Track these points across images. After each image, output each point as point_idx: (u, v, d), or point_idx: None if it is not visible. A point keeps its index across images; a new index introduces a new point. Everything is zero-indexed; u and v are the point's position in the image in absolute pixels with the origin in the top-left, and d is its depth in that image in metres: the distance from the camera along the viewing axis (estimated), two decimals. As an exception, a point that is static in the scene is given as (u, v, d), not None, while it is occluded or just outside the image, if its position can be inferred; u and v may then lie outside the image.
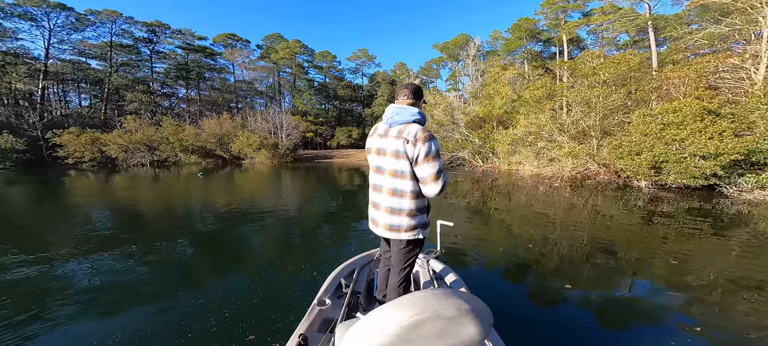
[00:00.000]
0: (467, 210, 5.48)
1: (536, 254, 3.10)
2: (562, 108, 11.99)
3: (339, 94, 39.65)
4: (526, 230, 4.06)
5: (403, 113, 1.19)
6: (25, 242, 3.66)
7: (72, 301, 2.22)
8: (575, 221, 4.44)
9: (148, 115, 26.63)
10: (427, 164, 1.12)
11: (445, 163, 14.55)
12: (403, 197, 1.19)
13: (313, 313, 1.36)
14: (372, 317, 0.62)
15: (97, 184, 10.61)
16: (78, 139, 19.06)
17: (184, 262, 2.99)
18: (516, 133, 12.32)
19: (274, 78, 37.61)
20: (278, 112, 27.66)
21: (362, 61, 42.40)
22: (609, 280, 2.53)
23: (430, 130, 1.17)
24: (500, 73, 16.47)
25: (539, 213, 5.03)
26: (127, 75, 29.55)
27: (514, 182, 8.96)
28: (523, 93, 13.11)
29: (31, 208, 6.28)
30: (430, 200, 1.30)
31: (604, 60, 10.09)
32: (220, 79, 36.42)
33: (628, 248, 3.24)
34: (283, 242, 3.65)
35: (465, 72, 29.48)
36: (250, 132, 23.90)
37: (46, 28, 24.82)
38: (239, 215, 5.06)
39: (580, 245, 3.36)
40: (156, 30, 30.78)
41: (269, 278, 2.51)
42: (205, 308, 2.04)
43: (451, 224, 2.05)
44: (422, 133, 1.12)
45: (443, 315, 0.58)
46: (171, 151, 20.99)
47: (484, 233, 4.01)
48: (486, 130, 14.77)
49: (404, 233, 1.22)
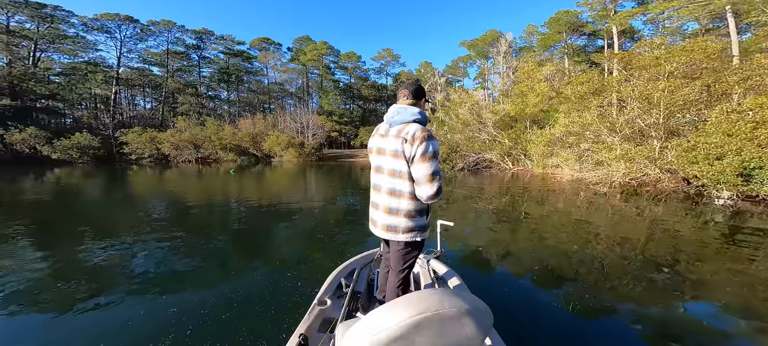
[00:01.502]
0: (494, 215, 5.02)
1: (568, 263, 2.71)
2: (611, 105, 10.54)
3: (363, 94, 40.17)
4: (559, 238, 3.56)
5: (404, 113, 1.18)
6: (96, 228, 4.18)
7: (126, 280, 2.47)
8: (624, 233, 3.77)
9: (196, 116, 29.69)
10: (423, 164, 1.09)
11: (470, 165, 13.71)
12: (402, 197, 1.17)
13: (313, 313, 1.36)
14: (372, 317, 0.61)
15: (152, 178, 12.02)
16: (140, 138, 21.93)
17: (215, 254, 3.08)
18: (554, 134, 11.13)
19: (303, 79, 39.44)
20: (305, 113, 28.90)
21: (387, 61, 42.42)
22: (656, 295, 2.15)
23: (430, 130, 1.13)
24: (535, 69, 15.10)
25: (578, 221, 4.43)
26: (180, 79, 33.36)
27: (549, 187, 8.09)
28: (563, 89, 11.82)
29: (101, 198, 7.26)
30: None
31: (669, 49, 8.59)
32: (256, 82, 39.30)
33: (692, 265, 2.67)
34: (296, 239, 3.64)
35: (495, 70, 27.81)
36: (280, 131, 25.32)
37: (117, 39, 28.97)
38: (262, 211, 5.24)
39: (626, 257, 2.85)
40: (203, 37, 34.25)
41: (280, 274, 2.47)
42: (226, 298, 2.09)
43: (452, 224, 2.06)
44: (421, 133, 1.10)
45: (443, 315, 0.57)
46: (212, 149, 23.12)
47: (510, 240, 3.58)
48: (517, 131, 13.64)
49: (402, 234, 1.20)
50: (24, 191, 8.16)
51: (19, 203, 6.21)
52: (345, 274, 1.75)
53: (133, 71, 31.03)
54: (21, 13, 24.00)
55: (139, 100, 34.32)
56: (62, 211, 5.56)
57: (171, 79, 32.23)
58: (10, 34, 23.59)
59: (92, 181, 10.69)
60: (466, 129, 14.68)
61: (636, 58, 9.32)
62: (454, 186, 9.00)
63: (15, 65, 23.79)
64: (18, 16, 24.07)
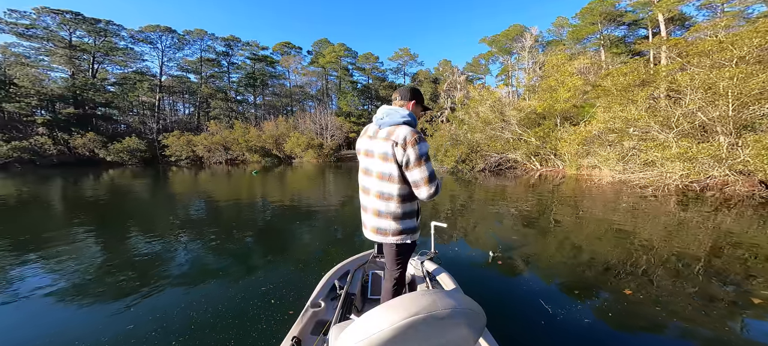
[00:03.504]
0: (515, 219, 4.66)
1: (600, 272, 2.42)
2: (657, 98, 9.31)
3: (381, 95, 40.20)
4: (593, 248, 3.17)
5: (394, 115, 1.17)
6: (140, 224, 4.58)
7: (163, 272, 2.68)
8: (679, 244, 3.22)
9: (226, 120, 31.80)
10: (418, 169, 1.10)
11: (492, 165, 12.99)
12: (390, 200, 1.17)
13: (306, 315, 1.36)
14: (365, 319, 0.61)
15: (188, 178, 13.00)
16: (178, 141, 23.96)
17: (237, 252, 3.15)
18: (589, 131, 10.11)
19: (322, 82, 40.49)
20: (323, 114, 29.60)
21: (404, 61, 42.05)
22: (714, 313, 1.86)
23: (419, 133, 1.13)
24: (566, 62, 13.90)
25: (619, 230, 3.89)
26: (212, 85, 35.97)
27: (583, 190, 7.35)
28: (601, 81, 10.70)
29: (146, 197, 7.94)
30: (422, 204, 1.29)
31: (738, 34, 7.35)
32: (279, 86, 41.14)
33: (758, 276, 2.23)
34: (312, 239, 3.60)
35: (519, 65, 26.42)
36: (300, 133, 26.17)
37: (159, 49, 31.82)
38: (282, 210, 5.35)
39: (676, 271, 2.46)
40: (231, 44, 36.57)
41: (292, 273, 2.42)
42: (248, 290, 2.13)
43: (445, 226, 2.11)
44: (411, 136, 1.09)
45: (436, 316, 0.58)
46: (240, 151, 24.56)
47: (533, 246, 3.21)
48: (545, 128, 12.62)
49: (391, 236, 1.21)
50: (85, 189, 9.22)
51: (81, 201, 7.01)
52: (339, 276, 1.74)
53: (173, 79, 34.03)
54: (80, 29, 27.25)
55: (179, 106, 37.60)
56: (116, 208, 6.15)
57: (204, 85, 34.82)
58: (73, 49, 27.04)
59: (139, 181, 11.80)
60: (487, 128, 13.89)
61: (694, 44, 8.13)
62: (473, 188, 8.55)
63: (77, 77, 27.23)
64: (78, 31, 27.45)
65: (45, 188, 9.49)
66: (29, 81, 24.86)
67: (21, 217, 5.14)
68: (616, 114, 8.85)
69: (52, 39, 26.36)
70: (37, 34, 25.87)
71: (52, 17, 26.05)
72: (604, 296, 2.16)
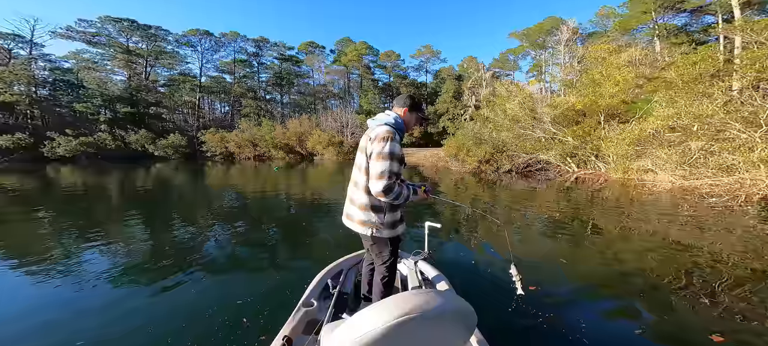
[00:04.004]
0: (541, 223, 4.35)
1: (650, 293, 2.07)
2: (739, 90, 7.81)
3: (402, 93, 39.69)
4: (641, 261, 2.73)
5: (381, 117, 1.31)
6: (179, 213, 5.07)
7: (197, 260, 2.90)
8: (762, 263, 2.65)
9: (255, 118, 33.76)
10: (376, 162, 1.18)
11: (520, 167, 12.08)
12: (359, 189, 1.27)
13: (298, 314, 1.36)
14: (357, 318, 0.62)
15: (220, 172, 14.09)
16: (213, 138, 25.96)
17: (253, 244, 3.25)
18: (644, 129, 8.84)
19: (344, 80, 41.11)
20: (345, 112, 30.02)
21: (426, 58, 41.07)
22: None
23: (393, 133, 1.21)
24: (612, 54, 12.33)
25: (678, 243, 3.31)
26: (244, 85, 38.40)
27: (632, 196, 6.52)
28: (662, 73, 9.30)
29: (186, 188, 8.71)
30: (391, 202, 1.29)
31: None
32: (303, 85, 42.64)
33: None
34: (328, 234, 3.60)
35: (554, 60, 24.53)
36: (322, 131, 26.83)
37: (199, 52, 34.72)
38: (295, 204, 5.49)
39: (746, 295, 2.05)
40: (260, 44, 38.63)
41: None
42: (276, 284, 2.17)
43: (439, 226, 2.09)
44: (383, 133, 1.20)
45: (427, 315, 0.59)
46: (266, 148, 25.90)
47: (558, 251, 2.75)
48: (586, 127, 11.37)
49: (357, 224, 1.30)
50: (137, 180, 10.43)
51: (135, 190, 7.98)
52: (332, 275, 1.74)
53: (211, 79, 36.93)
54: (136, 35, 30.65)
55: (216, 105, 40.74)
56: (161, 198, 6.90)
57: (237, 85, 37.27)
58: (129, 53, 30.48)
59: (181, 175, 13.06)
60: (515, 126, 12.92)
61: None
62: (497, 190, 8.11)
63: (133, 79, 30.70)
64: (134, 37, 30.87)
65: (106, 178, 10.92)
66: (95, 84, 28.57)
67: (88, 202, 5.92)
68: (683, 109, 7.61)
69: (113, 45, 30.00)
70: (101, 41, 29.60)
71: (113, 25, 29.61)
72: (625, 302, 2.00)
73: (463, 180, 10.51)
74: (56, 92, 27.38)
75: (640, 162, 8.87)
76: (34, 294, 2.28)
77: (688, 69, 7.93)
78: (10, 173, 12.71)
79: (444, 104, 34.64)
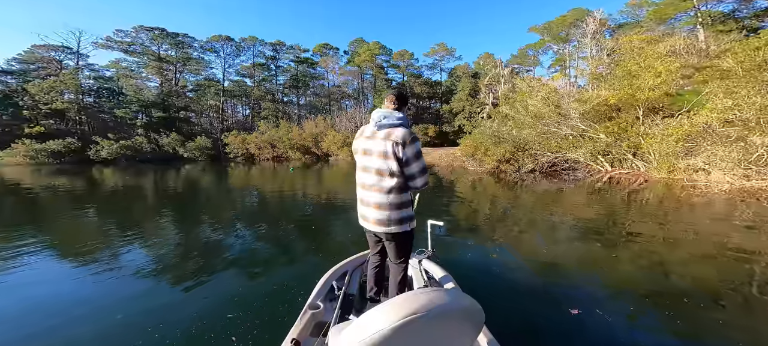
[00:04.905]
0: (573, 226, 4.09)
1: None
2: None
3: (415, 92, 39.34)
4: (681, 260, 2.43)
5: (390, 117, 1.33)
6: (205, 212, 5.40)
7: (218, 257, 3.07)
8: None
9: (273, 120, 35.10)
10: (417, 162, 1.30)
11: (544, 166, 11.44)
12: (390, 193, 1.31)
13: (305, 317, 1.37)
14: (364, 319, 0.62)
15: (242, 173, 14.82)
16: (235, 140, 27.33)
17: (270, 244, 3.32)
18: (695, 123, 7.86)
19: (358, 81, 41.44)
20: (358, 113, 30.29)
21: (440, 56, 40.32)
22: None
23: (413, 133, 1.31)
24: (650, 44, 11.24)
25: (741, 252, 2.95)
26: (263, 88, 40.03)
27: (681, 198, 5.89)
28: (714, 62, 8.31)
29: (212, 188, 9.20)
30: (414, 195, 1.47)
31: None
32: (319, 86, 43.60)
33: None
34: (332, 234, 3.66)
35: (580, 54, 23.11)
36: (336, 132, 27.26)
37: (222, 57, 36.65)
38: (310, 204, 5.60)
39: None
40: (277, 48, 39.98)
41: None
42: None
43: (441, 224, 2.12)
44: (410, 136, 1.28)
45: (435, 314, 0.59)
46: (284, 149, 26.81)
47: (585, 253, 2.50)
48: (621, 122, 10.49)
49: (393, 226, 1.33)
50: (168, 180, 11.26)
51: (167, 190, 8.63)
52: (337, 276, 1.75)
53: (233, 83, 38.90)
54: (166, 43, 32.95)
55: (238, 108, 42.87)
56: (191, 199, 7.36)
57: (256, 88, 38.91)
58: (161, 61, 32.89)
59: (208, 175, 13.92)
60: (538, 123, 12.21)
61: None
62: (517, 191, 7.74)
63: (164, 85, 33.12)
64: (164, 45, 33.25)
65: (143, 179, 11.91)
66: (133, 90, 31.16)
67: (128, 202, 6.47)
68: (744, 101, 6.79)
69: (146, 53, 32.55)
70: (136, 49, 32.23)
71: (146, 33, 32.11)
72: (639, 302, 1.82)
73: (481, 181, 10.15)
74: (100, 99, 30.24)
75: (690, 160, 7.93)
76: (74, 286, 2.53)
77: (749, 55, 7.05)
78: (62, 174, 14.22)
79: (460, 102, 33.81)
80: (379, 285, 1.58)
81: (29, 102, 25.58)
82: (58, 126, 26.61)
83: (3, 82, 27.27)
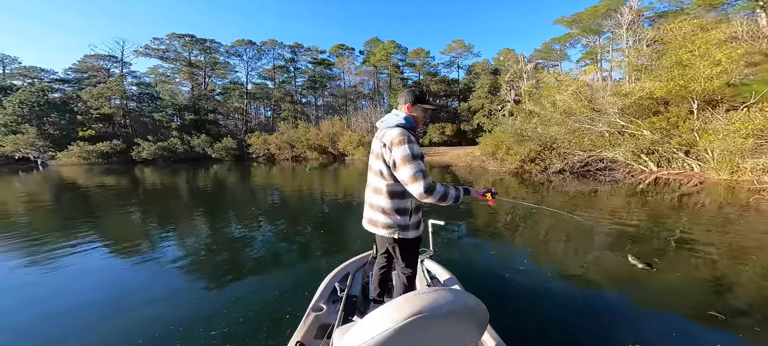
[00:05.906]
0: (609, 230, 3.84)
1: None
2: None
3: (432, 90, 38.65)
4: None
5: (390, 118, 1.31)
6: (235, 210, 5.73)
7: (243, 254, 3.16)
8: None
9: (293, 121, 36.35)
10: (404, 167, 1.17)
11: (575, 166, 10.67)
12: (380, 194, 1.29)
13: (309, 319, 1.37)
14: (368, 320, 0.62)
15: (264, 172, 15.53)
16: (257, 140, 28.67)
17: (283, 243, 3.44)
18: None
19: (374, 80, 41.57)
20: (374, 113, 30.38)
21: (458, 53, 39.23)
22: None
23: (406, 134, 1.20)
24: (703, 30, 9.94)
25: None
26: (283, 90, 41.61)
27: (749, 203, 5.22)
28: None
29: (236, 187, 9.70)
30: (418, 203, 1.33)
31: None
32: (336, 87, 44.40)
33: None
34: (345, 234, 3.71)
35: (614, 46, 21.44)
36: (352, 131, 27.57)
37: (244, 61, 38.62)
38: (327, 203, 5.70)
39: None
40: (295, 50, 41.26)
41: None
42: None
43: (442, 223, 2.10)
44: (398, 137, 1.19)
45: (439, 313, 0.58)
46: (302, 149, 27.65)
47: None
48: (671, 117, 9.44)
49: (381, 229, 1.31)
50: (199, 180, 12.08)
51: (197, 189, 9.27)
52: (339, 278, 1.75)
53: (255, 86, 40.84)
54: (195, 49, 35.31)
55: (261, 110, 44.96)
56: (219, 197, 7.83)
57: (276, 90, 40.51)
58: (192, 66, 35.33)
59: (233, 175, 14.77)
60: (568, 120, 11.38)
61: None
62: (543, 192, 7.28)
63: (195, 89, 35.56)
64: (194, 50, 35.66)
65: (178, 178, 12.95)
66: (168, 95, 33.82)
67: (166, 200, 7.06)
68: None
69: (179, 59, 35.15)
70: (170, 56, 34.90)
71: (178, 40, 34.65)
72: None
73: (503, 181, 9.70)
74: (141, 104, 33.20)
75: (759, 159, 6.98)
76: (119, 275, 2.81)
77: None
78: (110, 173, 15.85)
79: (478, 100, 32.70)
80: (383, 287, 1.57)
81: (82, 107, 28.77)
82: (105, 129, 29.68)
83: (61, 90, 30.94)
